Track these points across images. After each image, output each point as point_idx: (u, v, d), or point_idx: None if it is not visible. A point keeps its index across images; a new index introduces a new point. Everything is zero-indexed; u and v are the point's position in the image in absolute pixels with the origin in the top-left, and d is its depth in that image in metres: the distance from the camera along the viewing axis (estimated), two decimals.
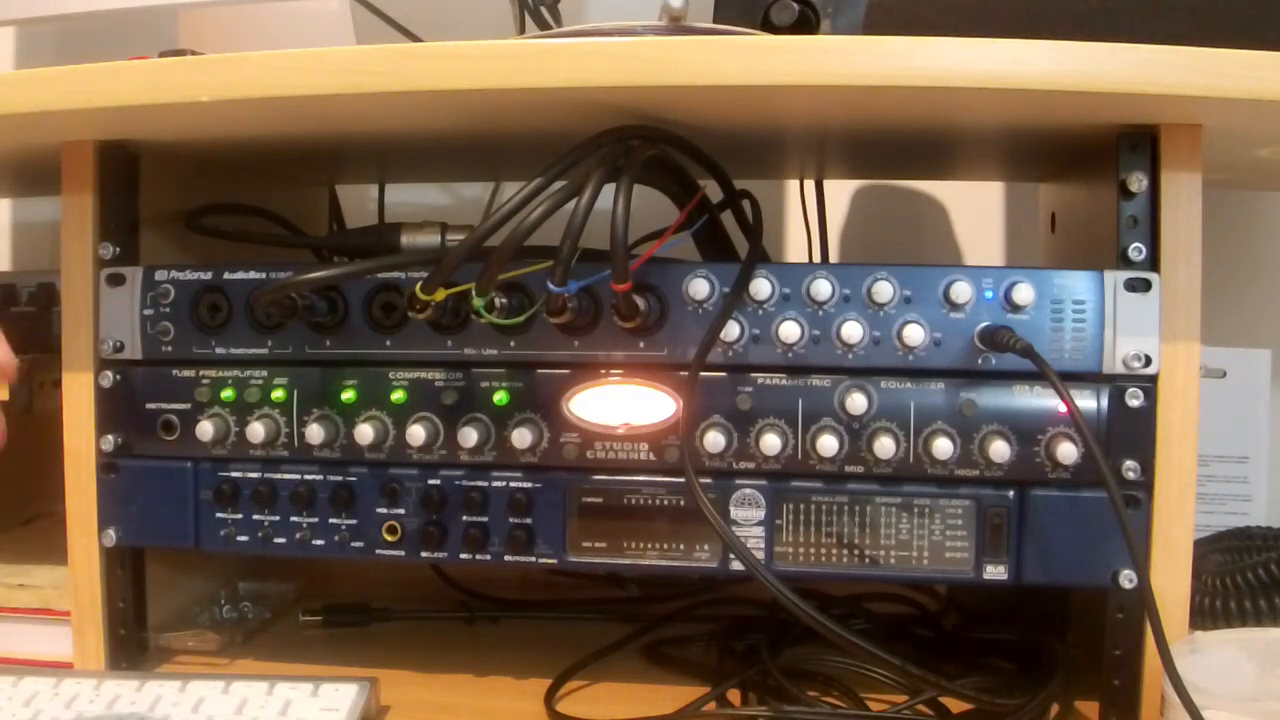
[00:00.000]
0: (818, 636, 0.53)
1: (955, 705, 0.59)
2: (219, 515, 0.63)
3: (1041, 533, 0.57)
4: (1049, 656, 0.63)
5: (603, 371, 0.60)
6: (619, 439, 0.59)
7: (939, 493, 0.58)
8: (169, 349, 0.63)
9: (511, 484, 0.61)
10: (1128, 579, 0.56)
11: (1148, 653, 0.56)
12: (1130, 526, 0.52)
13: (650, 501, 0.60)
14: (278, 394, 0.62)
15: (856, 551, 0.59)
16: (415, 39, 0.83)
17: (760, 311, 0.58)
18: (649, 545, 0.60)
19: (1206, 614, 0.63)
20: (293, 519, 0.62)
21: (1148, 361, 0.56)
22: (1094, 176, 0.64)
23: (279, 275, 0.61)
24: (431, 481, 0.61)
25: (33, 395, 0.80)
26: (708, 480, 0.59)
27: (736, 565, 0.59)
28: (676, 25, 0.57)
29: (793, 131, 0.70)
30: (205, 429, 0.61)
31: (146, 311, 0.63)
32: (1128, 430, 0.56)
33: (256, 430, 0.61)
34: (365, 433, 0.60)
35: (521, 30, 0.82)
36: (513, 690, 0.64)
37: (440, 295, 0.56)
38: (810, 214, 0.92)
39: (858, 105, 0.56)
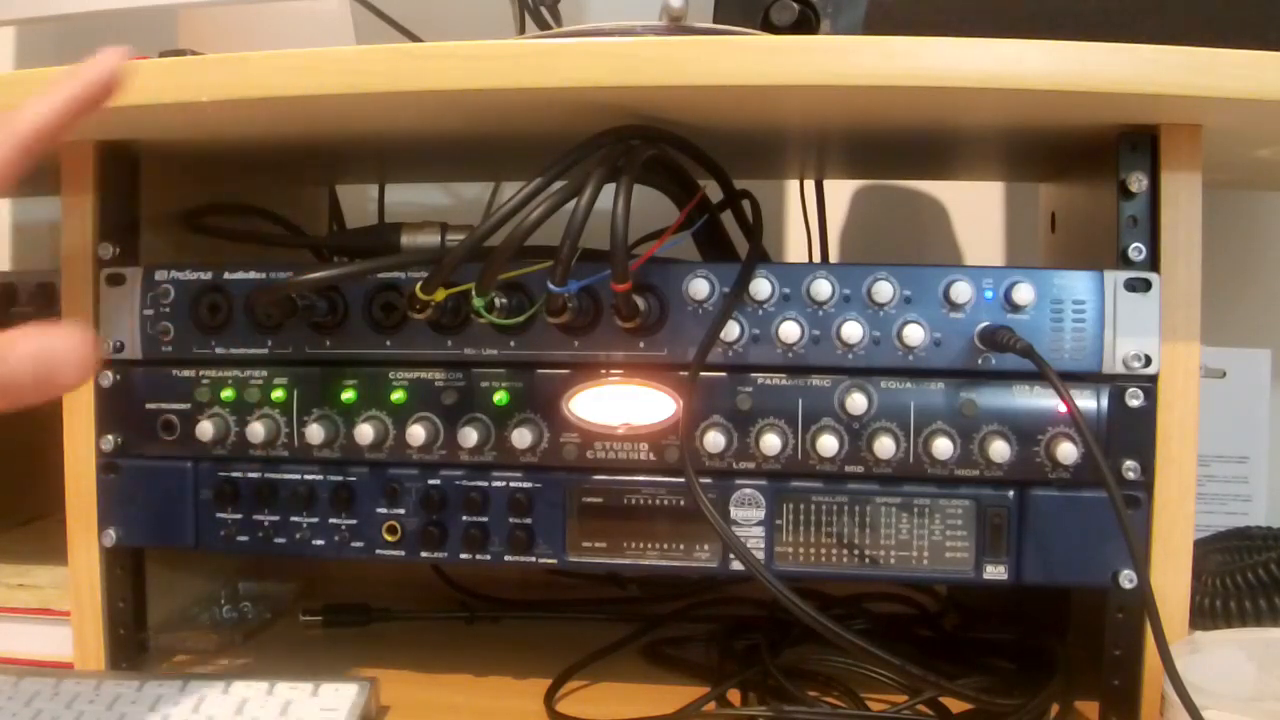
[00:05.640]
0: (818, 636, 0.53)
1: (955, 705, 0.59)
2: (219, 515, 0.63)
3: (1041, 533, 0.57)
4: (1049, 656, 0.63)
5: (603, 371, 0.59)
6: (619, 439, 0.59)
7: (939, 493, 0.58)
8: (169, 349, 0.63)
9: (511, 484, 0.61)
10: (1128, 579, 0.56)
11: (1148, 653, 0.56)
12: (1130, 526, 0.52)
13: (650, 501, 0.60)
14: (278, 394, 0.62)
15: (856, 551, 0.58)
16: (415, 39, 0.83)
17: (760, 311, 0.58)
18: (649, 545, 0.60)
19: (1206, 614, 0.63)
20: (293, 519, 0.62)
21: (1148, 361, 0.56)
22: (1094, 176, 0.64)
23: (279, 275, 0.61)
24: (431, 481, 0.61)
25: None
26: (708, 480, 0.59)
27: (736, 565, 0.59)
28: (676, 25, 0.57)
29: (792, 131, 0.69)
30: (205, 429, 0.61)
31: (146, 311, 0.63)
32: (1128, 430, 0.56)
33: (256, 430, 0.61)
34: (365, 433, 0.60)
35: (521, 30, 0.82)
36: (513, 690, 0.64)
37: (440, 295, 0.56)
38: (810, 214, 0.92)
39: (858, 105, 0.56)
